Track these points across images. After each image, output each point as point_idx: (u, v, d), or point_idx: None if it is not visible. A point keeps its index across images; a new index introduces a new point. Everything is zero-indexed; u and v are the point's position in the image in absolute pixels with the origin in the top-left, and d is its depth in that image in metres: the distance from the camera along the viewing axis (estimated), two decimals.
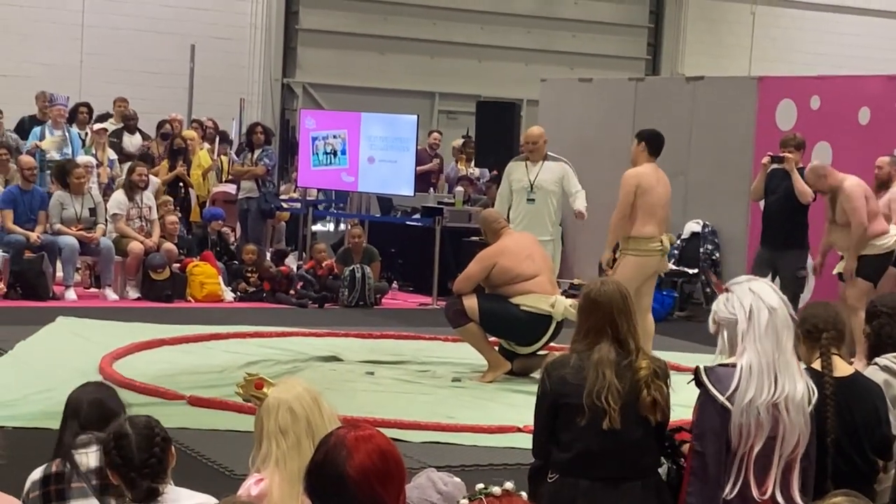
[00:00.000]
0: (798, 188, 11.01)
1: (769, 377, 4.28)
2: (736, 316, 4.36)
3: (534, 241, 10.02)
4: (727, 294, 4.41)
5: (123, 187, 13.56)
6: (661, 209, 9.88)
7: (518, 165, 11.33)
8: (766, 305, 4.32)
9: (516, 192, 11.19)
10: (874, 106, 12.29)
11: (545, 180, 11.13)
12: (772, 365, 4.30)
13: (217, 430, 7.57)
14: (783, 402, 4.27)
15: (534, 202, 11.12)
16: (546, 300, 9.34)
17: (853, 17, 24.32)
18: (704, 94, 14.37)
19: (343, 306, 13.30)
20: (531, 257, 9.59)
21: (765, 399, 4.25)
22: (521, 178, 11.19)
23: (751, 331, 4.32)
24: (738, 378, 4.28)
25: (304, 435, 3.61)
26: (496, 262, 9.48)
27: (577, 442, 4.58)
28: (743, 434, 4.25)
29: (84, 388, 4.42)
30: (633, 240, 9.81)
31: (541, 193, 11.11)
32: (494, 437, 7.70)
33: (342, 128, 14.84)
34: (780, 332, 4.32)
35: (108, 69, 19.14)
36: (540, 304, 9.34)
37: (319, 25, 21.39)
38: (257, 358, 9.77)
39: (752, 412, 4.24)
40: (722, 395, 4.28)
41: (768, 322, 4.30)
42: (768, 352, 4.30)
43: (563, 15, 22.85)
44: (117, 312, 11.91)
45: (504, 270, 9.45)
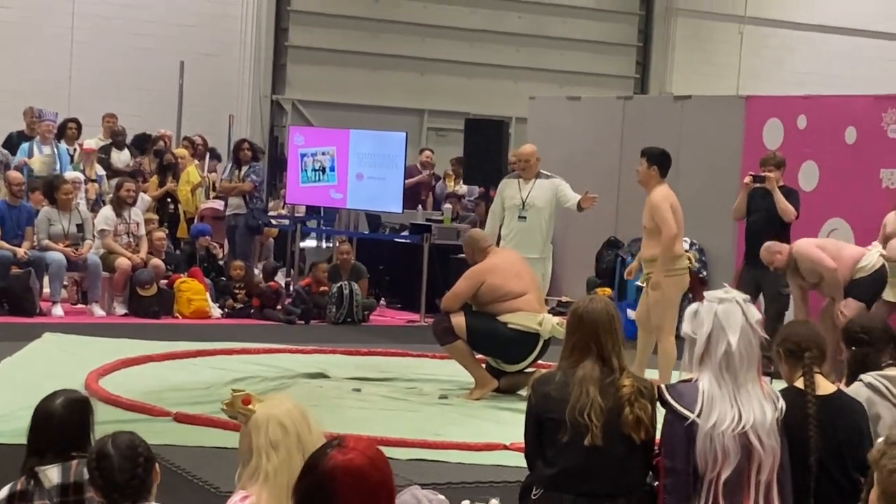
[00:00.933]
0: (781, 207, 11.09)
1: (731, 407, 4.30)
2: (696, 337, 4.39)
3: (521, 258, 10.03)
4: (697, 307, 4.44)
5: (111, 203, 13.56)
6: (682, 229, 9.92)
7: (510, 183, 11.32)
8: (726, 337, 4.34)
9: (508, 210, 11.17)
10: (861, 125, 12.33)
11: (537, 198, 11.12)
12: (731, 394, 4.32)
13: (203, 447, 7.55)
14: (752, 431, 4.29)
15: (525, 220, 11.09)
16: (534, 318, 9.35)
17: (840, 37, 24.42)
18: (692, 113, 14.41)
19: (331, 323, 13.30)
20: (519, 275, 9.59)
21: (729, 426, 4.27)
22: (513, 195, 11.17)
23: (706, 358, 4.36)
24: (700, 401, 4.30)
25: (295, 449, 3.60)
26: (484, 279, 9.48)
27: (561, 458, 4.60)
28: (708, 461, 4.27)
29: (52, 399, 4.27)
30: (671, 260, 9.77)
31: (532, 211, 11.09)
32: (481, 454, 7.68)
33: (331, 144, 14.85)
34: (738, 367, 4.35)
35: (97, 85, 19.14)
36: (527, 322, 9.34)
37: (309, 42, 21.42)
38: (244, 374, 9.76)
39: (717, 439, 4.26)
40: (685, 409, 4.30)
41: (724, 356, 4.34)
42: (726, 381, 4.33)
43: (552, 33, 22.92)
44: (104, 328, 11.89)
45: (492, 288, 9.45)
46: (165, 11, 19.91)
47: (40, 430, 4.20)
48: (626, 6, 23.80)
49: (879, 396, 4.96)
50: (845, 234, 12.12)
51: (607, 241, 14.85)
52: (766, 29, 24.26)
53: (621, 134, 15.09)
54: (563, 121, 15.61)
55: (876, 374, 5.03)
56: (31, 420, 4.25)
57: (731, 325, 4.36)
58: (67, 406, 4.24)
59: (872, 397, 4.94)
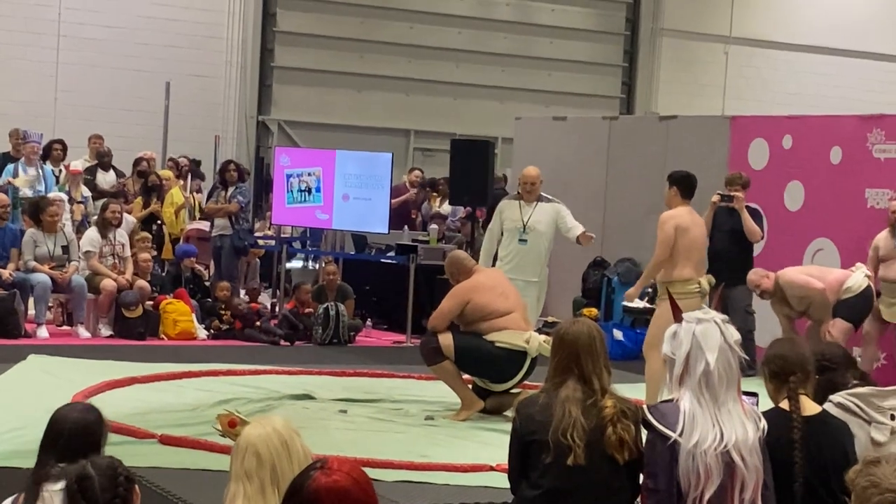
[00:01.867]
0: (748, 227, 11.21)
1: (713, 426, 4.30)
2: (675, 357, 4.40)
3: (505, 278, 10.02)
4: (676, 328, 4.45)
5: (96, 224, 13.52)
6: (697, 251, 9.79)
7: (512, 204, 11.34)
8: (704, 357, 4.35)
9: (508, 232, 11.19)
10: (846, 146, 12.37)
11: (539, 222, 11.17)
12: (712, 414, 4.33)
13: (189, 470, 7.52)
14: (734, 449, 4.29)
15: (526, 243, 11.15)
16: (520, 336, 9.33)
17: (825, 58, 24.53)
18: (678, 133, 14.44)
19: (317, 344, 13.27)
20: (504, 294, 9.58)
21: (711, 445, 4.27)
22: (514, 217, 11.20)
23: (686, 378, 4.37)
24: (682, 421, 4.30)
25: (269, 481, 3.56)
26: (470, 298, 9.47)
27: (544, 479, 4.60)
28: (691, 480, 4.27)
29: (71, 409, 4.29)
30: (672, 283, 9.68)
31: (533, 235, 11.14)
32: (467, 475, 7.66)
33: (317, 165, 14.84)
34: (717, 386, 4.36)
35: (83, 106, 19.13)
36: (515, 340, 9.33)
37: (295, 63, 21.45)
38: (230, 396, 9.72)
39: (699, 457, 4.26)
40: (667, 429, 4.31)
41: (702, 375, 4.35)
42: (706, 401, 4.33)
43: (538, 53, 22.99)
44: (89, 350, 11.84)
45: (478, 307, 9.43)
46: (151, 32, 19.92)
47: (52, 438, 4.18)
48: (612, 27, 23.89)
49: (851, 415, 4.96)
50: (831, 254, 12.15)
51: (593, 261, 14.86)
52: (751, 49, 24.36)
53: (607, 154, 15.12)
54: (549, 141, 15.63)
55: (845, 393, 5.04)
56: (46, 427, 4.24)
57: (709, 344, 4.38)
58: (82, 415, 4.24)
59: (845, 416, 4.95)
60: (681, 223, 9.73)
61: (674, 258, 9.79)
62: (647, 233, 14.55)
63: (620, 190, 14.87)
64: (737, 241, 11.31)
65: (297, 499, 3.04)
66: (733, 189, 11.44)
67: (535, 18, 23.03)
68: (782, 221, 12.55)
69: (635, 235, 14.57)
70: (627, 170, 14.82)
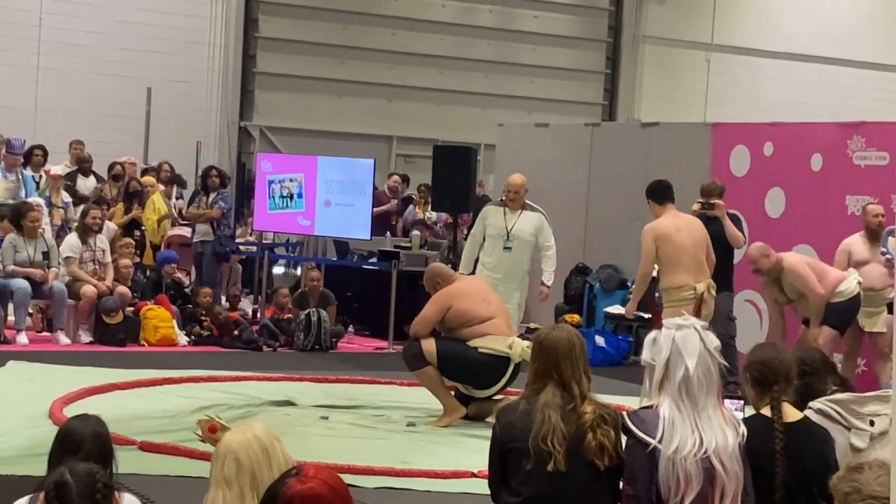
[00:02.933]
0: (731, 234, 11.24)
1: (692, 432, 4.30)
2: (655, 363, 4.41)
3: (486, 284, 10.03)
4: (656, 334, 4.45)
5: (77, 230, 13.47)
6: (687, 255, 9.82)
7: (496, 211, 11.36)
8: (684, 363, 4.35)
9: (491, 238, 11.21)
10: (826, 153, 12.40)
11: (523, 230, 11.22)
12: (692, 420, 4.33)
13: (169, 476, 7.49)
14: (714, 455, 4.29)
15: (510, 251, 11.19)
16: (503, 342, 9.32)
17: (806, 65, 24.62)
18: (659, 140, 14.46)
19: (298, 350, 13.24)
20: (486, 300, 9.57)
21: (690, 452, 4.27)
22: (498, 225, 11.22)
23: (665, 384, 4.37)
24: (661, 427, 4.30)
25: (248, 488, 3.56)
26: (451, 304, 9.45)
27: (525, 486, 4.59)
28: (671, 486, 4.27)
29: (84, 421, 4.33)
30: (666, 291, 9.84)
31: (518, 243, 11.19)
32: (449, 482, 7.65)
33: (299, 171, 14.83)
34: (697, 392, 4.36)
35: (64, 112, 19.06)
36: (497, 346, 9.31)
37: (277, 69, 21.42)
38: (210, 402, 9.69)
39: (679, 464, 4.26)
40: (646, 436, 4.31)
41: (682, 381, 4.35)
42: (686, 407, 4.33)
43: (521, 60, 23.00)
44: (69, 357, 11.79)
45: (459, 313, 9.42)
46: (133, 38, 19.86)
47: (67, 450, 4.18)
48: (594, 34, 23.92)
49: (831, 421, 4.97)
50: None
51: (575, 268, 14.87)
52: (732, 56, 24.43)
53: (589, 160, 15.14)
54: (531, 147, 15.64)
55: (825, 399, 5.05)
56: (59, 439, 4.27)
57: (688, 350, 4.38)
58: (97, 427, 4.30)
59: (824, 422, 4.96)
60: (660, 233, 9.76)
61: (663, 267, 9.82)
62: (629, 239, 14.57)
63: (602, 196, 14.89)
64: (717, 248, 11.30)
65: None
66: (711, 198, 11.45)
67: (518, 25, 23.05)
68: (763, 228, 12.56)
69: (617, 242, 14.59)
70: (609, 176, 14.84)
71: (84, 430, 4.27)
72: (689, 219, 10.07)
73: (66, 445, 4.19)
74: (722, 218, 11.27)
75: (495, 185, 16.68)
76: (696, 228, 10.01)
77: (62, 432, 4.28)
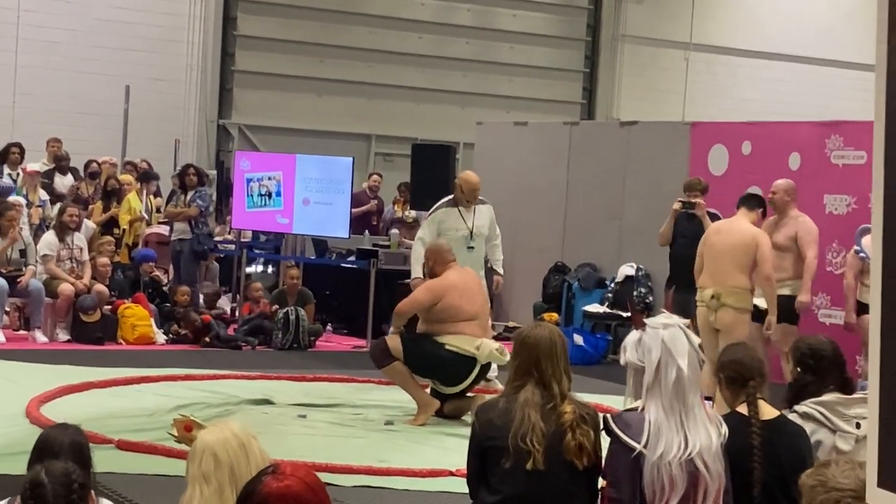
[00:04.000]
0: None
1: (678, 434, 4.30)
2: (643, 365, 4.38)
3: (478, 280, 10.04)
4: (640, 335, 4.43)
5: (54, 228, 13.42)
6: (714, 261, 9.97)
7: (451, 212, 11.05)
8: (676, 363, 4.34)
9: (453, 241, 10.78)
10: (804, 151, 12.44)
11: (482, 226, 11.17)
12: (679, 422, 4.32)
13: (146, 475, 7.47)
14: (698, 457, 4.29)
15: (474, 249, 11.08)
16: (473, 342, 9.30)
17: (785, 65, 24.69)
18: (638, 139, 14.49)
19: (276, 349, 13.22)
20: (474, 299, 9.58)
21: (676, 455, 4.26)
22: (458, 226, 11.03)
23: (656, 386, 4.35)
24: (647, 432, 4.29)
25: (227, 483, 3.56)
26: (444, 295, 9.43)
27: (504, 485, 4.59)
28: (656, 491, 4.26)
29: (63, 430, 4.36)
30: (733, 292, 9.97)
31: (479, 240, 11.14)
32: (426, 480, 7.65)
33: (277, 169, 14.79)
34: (687, 391, 4.35)
35: (42, 109, 18.98)
36: (465, 346, 9.29)
37: (255, 67, 21.37)
38: (188, 401, 9.67)
39: (664, 469, 4.25)
40: (632, 440, 4.30)
41: (675, 382, 4.32)
42: (675, 409, 4.32)
43: (500, 59, 23.01)
44: (47, 355, 11.75)
45: (448, 307, 9.39)
46: (111, 36, 19.80)
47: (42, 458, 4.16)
48: (574, 32, 23.94)
49: (816, 424, 4.96)
50: None
51: (554, 266, 14.89)
52: (711, 56, 24.48)
53: (568, 159, 15.16)
54: (510, 146, 15.65)
55: (811, 401, 5.03)
56: (36, 448, 4.27)
57: (679, 350, 4.36)
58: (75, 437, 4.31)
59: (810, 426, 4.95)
60: (709, 237, 10.07)
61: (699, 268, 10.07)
62: (608, 238, 14.63)
63: (581, 195, 14.91)
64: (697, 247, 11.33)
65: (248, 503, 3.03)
66: (693, 195, 11.51)
67: (497, 24, 23.05)
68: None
69: (596, 241, 14.62)
70: (588, 175, 14.86)
71: (63, 438, 4.28)
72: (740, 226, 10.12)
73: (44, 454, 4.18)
74: (702, 217, 11.30)
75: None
76: (733, 235, 10.08)
77: (40, 441, 4.29)
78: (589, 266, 14.67)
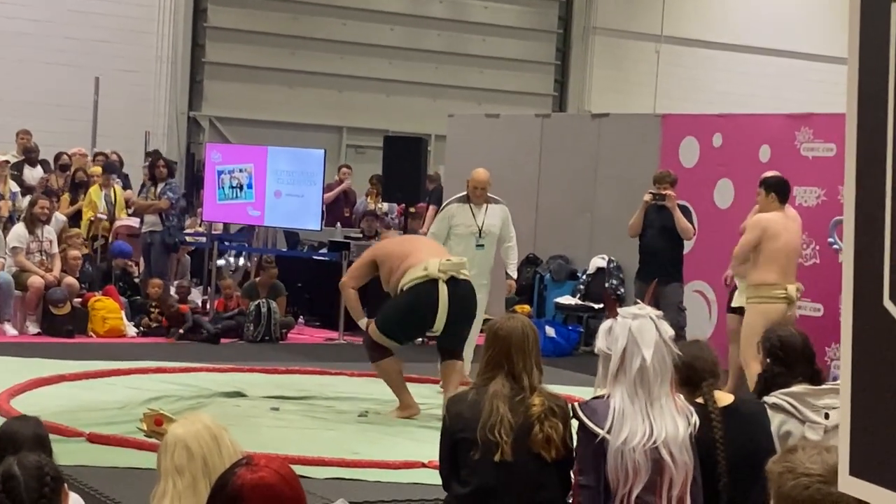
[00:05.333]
0: (681, 226, 11.30)
1: (643, 422, 4.31)
2: (611, 353, 4.41)
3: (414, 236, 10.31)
4: (612, 323, 4.46)
5: (24, 220, 13.34)
6: (786, 257, 9.77)
7: (462, 209, 10.90)
8: (641, 352, 4.35)
9: (461, 237, 10.77)
10: (774, 144, 12.49)
11: (492, 225, 10.92)
12: (644, 409, 4.34)
13: (117, 468, 7.45)
14: (663, 446, 4.31)
15: (483, 248, 10.88)
16: (420, 268, 9.17)
17: (755, 57, 24.78)
18: (609, 131, 14.52)
19: (248, 341, 13.19)
20: (406, 240, 9.88)
21: (639, 442, 4.28)
22: (468, 223, 10.84)
23: (621, 374, 4.37)
24: (611, 418, 4.31)
25: (201, 475, 3.55)
26: (374, 253, 9.68)
27: (474, 476, 4.61)
28: (620, 477, 4.28)
29: (25, 422, 4.35)
30: (756, 287, 9.69)
31: (489, 238, 10.91)
32: (399, 472, 7.66)
33: (248, 162, 14.75)
34: (652, 382, 4.36)
35: (11, 101, 18.86)
36: (416, 275, 9.17)
37: (226, 59, 21.31)
38: (159, 394, 9.64)
39: (627, 454, 4.27)
40: (596, 427, 4.32)
41: (638, 371, 4.35)
42: (640, 397, 4.34)
43: (471, 51, 23.01)
44: (16, 348, 11.69)
45: (386, 256, 9.45)
46: (81, 27, 19.69)
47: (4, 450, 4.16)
48: (545, 24, 23.97)
49: (785, 414, 4.98)
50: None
51: (526, 258, 14.90)
52: (682, 48, 24.55)
53: (539, 151, 15.17)
54: (481, 138, 15.65)
55: (780, 392, 5.05)
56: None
57: (645, 340, 4.38)
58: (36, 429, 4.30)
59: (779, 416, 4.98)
60: (771, 228, 9.71)
61: (758, 262, 9.71)
62: (579, 230, 14.66)
63: (553, 187, 14.93)
64: (668, 238, 11.41)
65: (222, 495, 3.02)
66: (663, 187, 11.55)
67: (468, 16, 23.06)
68: (712, 219, 12.65)
69: (567, 233, 14.65)
70: (560, 167, 14.88)
71: (25, 431, 4.27)
72: (793, 223, 9.97)
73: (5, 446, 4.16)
74: (672, 209, 11.36)
75: (445, 175, 16.69)
76: (796, 233, 9.97)
77: (2, 433, 4.26)
78: (561, 258, 14.70)
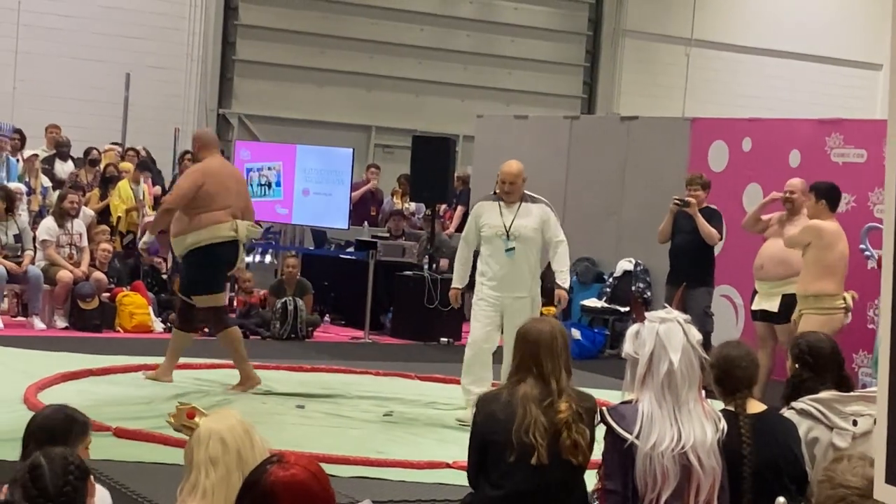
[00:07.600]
0: (704, 231, 11.23)
1: (671, 427, 4.30)
2: (638, 357, 4.40)
3: (237, 175, 10.64)
4: (639, 327, 4.45)
5: (54, 214, 13.40)
6: (844, 267, 9.66)
7: (491, 206, 9.39)
8: (668, 357, 4.35)
9: (488, 240, 9.32)
10: (804, 149, 12.44)
11: (524, 226, 9.27)
12: (672, 414, 4.33)
13: (143, 463, 7.47)
14: (692, 451, 4.29)
15: (513, 252, 9.23)
16: (227, 227, 9.88)
17: (785, 61, 24.68)
18: (638, 134, 14.48)
19: (274, 338, 13.22)
20: (228, 189, 9.99)
21: (668, 447, 4.27)
22: (494, 222, 9.29)
23: (649, 378, 4.37)
24: (639, 422, 4.30)
25: (234, 467, 3.57)
26: (205, 181, 9.88)
27: (508, 480, 4.58)
28: (648, 482, 4.27)
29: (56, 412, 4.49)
30: (816, 298, 9.54)
31: (520, 242, 9.25)
32: (424, 472, 7.66)
33: (277, 160, 14.79)
34: (680, 386, 4.35)
35: (42, 96, 18.96)
36: (223, 232, 9.88)
37: (256, 57, 21.35)
38: (185, 390, 9.68)
39: (656, 459, 4.26)
40: (624, 431, 4.31)
41: (666, 375, 4.34)
42: (668, 401, 4.33)
43: (500, 52, 22.99)
44: (45, 342, 11.74)
45: (206, 194, 9.84)
46: (112, 23, 19.77)
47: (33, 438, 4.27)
48: (575, 27, 23.93)
49: (813, 420, 4.97)
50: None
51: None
52: (711, 52, 24.47)
53: (567, 153, 15.15)
54: (509, 139, 15.63)
55: (808, 398, 5.04)
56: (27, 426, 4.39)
57: (672, 344, 4.37)
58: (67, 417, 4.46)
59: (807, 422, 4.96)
60: (826, 237, 9.58)
61: (818, 272, 9.57)
62: (606, 232, 14.63)
63: (580, 189, 14.91)
64: (697, 242, 11.33)
65: (253, 493, 3.03)
66: (693, 189, 11.46)
67: (498, 17, 23.04)
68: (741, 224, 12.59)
69: (594, 235, 14.62)
70: (588, 170, 14.86)
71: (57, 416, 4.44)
72: (843, 232, 9.85)
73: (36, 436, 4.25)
74: (695, 215, 11.26)
75: (473, 176, 16.68)
76: (846, 242, 9.83)
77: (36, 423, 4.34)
78: (587, 260, 14.67)
